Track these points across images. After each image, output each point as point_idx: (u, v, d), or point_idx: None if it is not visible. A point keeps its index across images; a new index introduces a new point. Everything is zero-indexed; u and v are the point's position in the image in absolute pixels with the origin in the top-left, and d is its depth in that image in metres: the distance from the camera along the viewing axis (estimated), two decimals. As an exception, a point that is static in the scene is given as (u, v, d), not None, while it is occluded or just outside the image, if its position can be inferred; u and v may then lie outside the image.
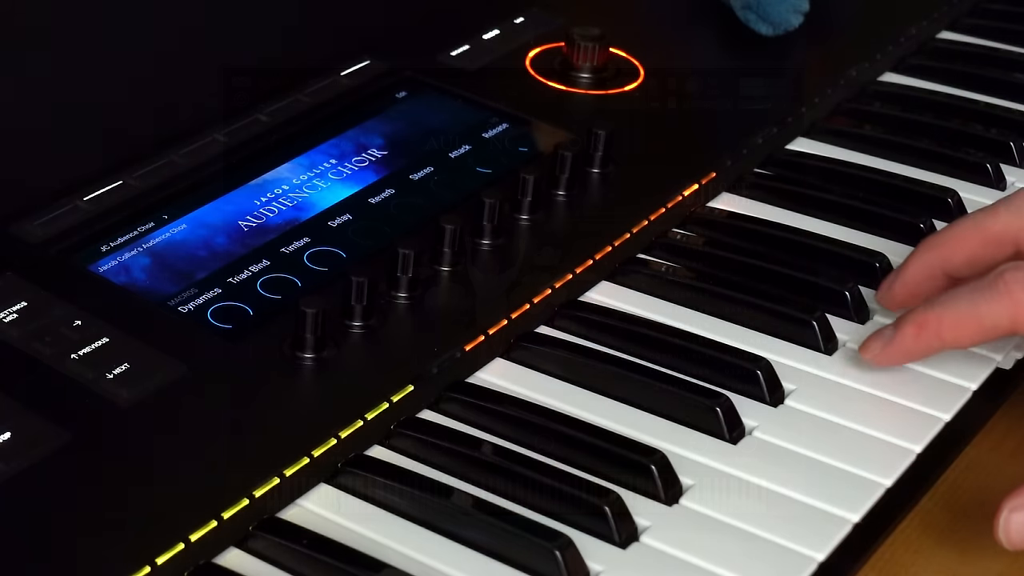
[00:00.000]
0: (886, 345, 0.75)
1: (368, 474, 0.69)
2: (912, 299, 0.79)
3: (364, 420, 0.72)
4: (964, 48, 1.07)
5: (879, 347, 0.76)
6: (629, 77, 0.97)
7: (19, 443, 0.67)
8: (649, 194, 0.87)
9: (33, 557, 0.63)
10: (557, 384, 0.76)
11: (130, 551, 0.64)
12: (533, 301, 0.80)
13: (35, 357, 0.72)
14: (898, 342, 0.75)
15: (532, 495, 0.69)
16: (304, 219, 0.83)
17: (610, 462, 0.70)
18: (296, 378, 0.73)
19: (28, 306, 0.75)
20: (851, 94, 1.01)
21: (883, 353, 0.76)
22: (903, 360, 0.76)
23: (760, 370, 0.75)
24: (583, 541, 0.66)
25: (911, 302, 0.78)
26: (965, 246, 0.78)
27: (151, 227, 0.82)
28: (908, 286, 0.79)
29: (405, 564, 0.65)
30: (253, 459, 0.69)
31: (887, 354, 0.76)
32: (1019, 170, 0.95)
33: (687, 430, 0.73)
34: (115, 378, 0.71)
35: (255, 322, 0.76)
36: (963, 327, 0.74)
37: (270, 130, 0.89)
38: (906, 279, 0.79)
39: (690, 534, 0.68)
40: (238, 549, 0.66)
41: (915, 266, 0.79)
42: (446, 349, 0.76)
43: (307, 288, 0.78)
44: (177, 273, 0.78)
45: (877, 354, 0.76)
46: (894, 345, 0.75)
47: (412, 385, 0.74)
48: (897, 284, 0.79)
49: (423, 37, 0.99)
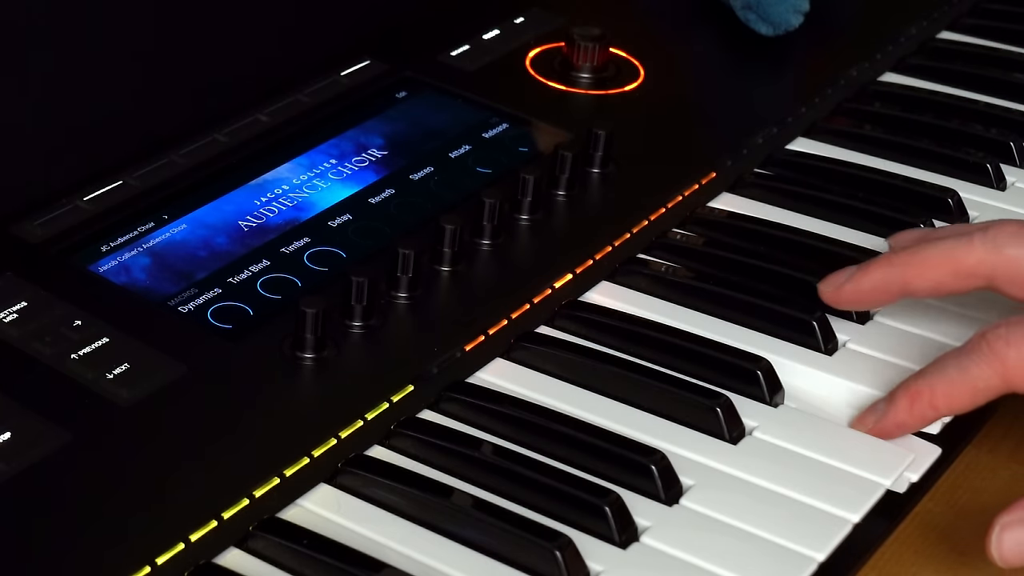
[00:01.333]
0: (880, 419, 0.74)
1: (368, 474, 0.69)
2: (857, 305, 0.79)
3: (364, 420, 0.72)
4: (964, 48, 1.07)
5: (872, 421, 0.74)
6: (629, 77, 0.97)
7: (19, 443, 0.67)
8: (649, 194, 0.87)
9: (33, 557, 0.63)
10: (557, 384, 0.76)
11: (130, 551, 0.64)
12: (533, 301, 0.80)
13: (35, 357, 0.72)
14: (892, 415, 0.74)
15: (532, 495, 0.69)
16: (304, 219, 0.83)
17: (610, 462, 0.70)
18: (296, 378, 0.73)
19: (28, 306, 0.75)
20: (851, 94, 1.01)
21: (878, 427, 0.74)
22: (899, 433, 0.74)
23: (760, 370, 0.75)
24: (583, 541, 0.66)
25: (853, 307, 0.79)
26: (933, 274, 0.76)
27: (151, 227, 0.82)
28: (860, 293, 0.78)
29: (405, 564, 0.65)
30: (253, 459, 0.69)
31: (882, 428, 0.74)
32: (1019, 170, 0.95)
33: (687, 430, 0.73)
34: (115, 378, 0.71)
35: (255, 322, 0.76)
36: (957, 394, 0.73)
37: (270, 130, 0.89)
38: (860, 286, 0.78)
39: (690, 534, 0.68)
40: (238, 549, 0.66)
41: (874, 277, 0.77)
42: (446, 349, 0.76)
43: (307, 288, 0.78)
44: (177, 273, 0.78)
45: (871, 428, 0.74)
46: (888, 418, 0.74)
47: (412, 385, 0.74)
48: (849, 287, 0.78)
49: (423, 37, 0.99)
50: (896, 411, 0.74)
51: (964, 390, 0.72)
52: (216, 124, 0.88)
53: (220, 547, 0.66)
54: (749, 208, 0.90)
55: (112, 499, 0.66)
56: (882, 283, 0.77)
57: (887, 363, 0.78)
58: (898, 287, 0.77)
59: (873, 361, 0.78)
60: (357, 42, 0.97)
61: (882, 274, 0.77)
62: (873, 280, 0.77)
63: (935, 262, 0.76)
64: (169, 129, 0.87)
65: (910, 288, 0.77)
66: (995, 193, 0.92)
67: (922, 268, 0.76)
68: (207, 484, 0.67)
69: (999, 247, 0.75)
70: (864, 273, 0.78)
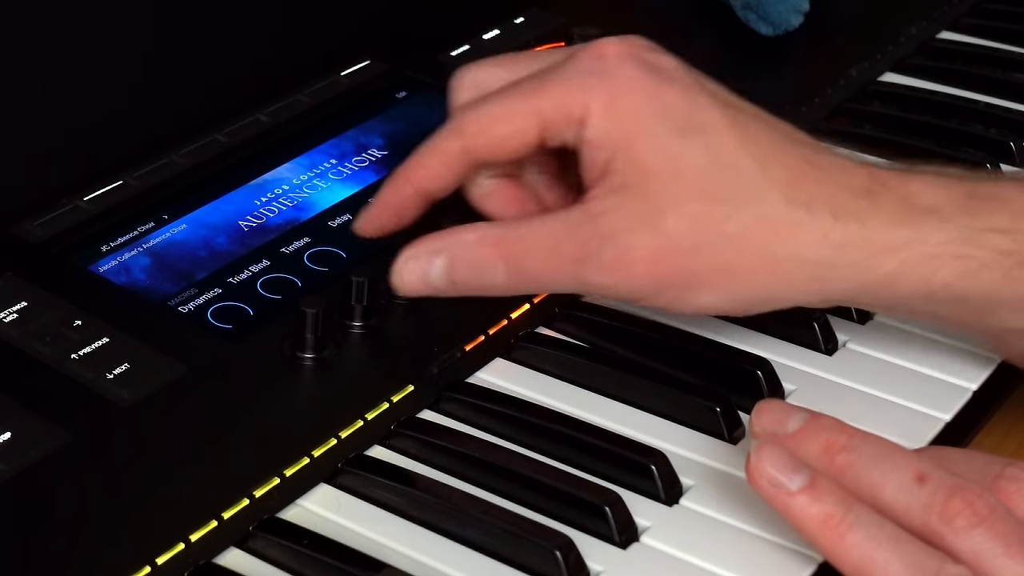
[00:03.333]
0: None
1: (368, 474, 0.69)
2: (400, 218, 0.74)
3: (364, 420, 0.72)
4: (964, 48, 1.07)
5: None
6: (629, 77, 0.97)
7: (19, 443, 0.67)
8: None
9: (33, 557, 0.63)
10: (557, 384, 0.76)
11: (130, 551, 0.64)
12: (533, 301, 0.79)
13: (35, 357, 0.72)
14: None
15: (532, 495, 0.69)
16: (304, 219, 0.83)
17: (610, 462, 0.70)
18: (296, 378, 0.73)
19: (28, 306, 0.75)
20: (851, 94, 1.01)
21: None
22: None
23: (761, 371, 0.75)
24: (583, 541, 0.66)
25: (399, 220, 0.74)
26: (500, 128, 0.71)
27: (151, 227, 0.82)
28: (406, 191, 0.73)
29: (405, 564, 0.65)
30: (253, 459, 0.69)
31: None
32: (1019, 170, 0.95)
33: (687, 430, 0.73)
34: (115, 378, 0.71)
35: (255, 322, 0.76)
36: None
37: (270, 130, 0.89)
38: (410, 179, 0.73)
39: (690, 534, 0.68)
40: (238, 549, 0.66)
41: (431, 154, 0.72)
42: (446, 349, 0.76)
43: (307, 288, 0.78)
44: (177, 273, 0.78)
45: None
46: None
47: (412, 385, 0.74)
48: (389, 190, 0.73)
49: (423, 37, 0.99)
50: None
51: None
52: (216, 124, 0.88)
53: (220, 547, 0.66)
54: (749, 208, 0.90)
55: (112, 499, 0.66)
56: (440, 158, 0.71)
57: (887, 363, 0.78)
58: (459, 158, 0.71)
59: (873, 361, 0.78)
60: (357, 42, 0.97)
61: (439, 148, 0.71)
62: (428, 160, 0.72)
63: (499, 112, 0.70)
64: (169, 129, 0.87)
65: (475, 154, 0.71)
66: (995, 193, 0.92)
67: (483, 123, 0.70)
68: (207, 484, 0.67)
69: (592, 74, 0.70)
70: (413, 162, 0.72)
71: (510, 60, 0.74)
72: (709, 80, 0.72)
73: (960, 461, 0.65)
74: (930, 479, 0.63)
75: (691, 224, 0.68)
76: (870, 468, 0.63)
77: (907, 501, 0.63)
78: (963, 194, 0.70)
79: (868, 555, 0.61)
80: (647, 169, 0.68)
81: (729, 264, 0.69)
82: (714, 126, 0.69)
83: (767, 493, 0.64)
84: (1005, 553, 0.61)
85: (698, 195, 0.68)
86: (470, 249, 0.71)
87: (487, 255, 0.70)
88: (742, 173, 0.69)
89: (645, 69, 0.70)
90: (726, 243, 0.69)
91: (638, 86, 0.69)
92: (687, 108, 0.69)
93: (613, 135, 0.69)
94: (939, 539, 0.62)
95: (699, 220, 0.68)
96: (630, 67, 0.70)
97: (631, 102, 0.69)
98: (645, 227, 0.68)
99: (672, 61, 0.72)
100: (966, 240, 0.69)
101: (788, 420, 0.66)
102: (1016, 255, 0.70)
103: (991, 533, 0.61)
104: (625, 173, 0.68)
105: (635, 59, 0.70)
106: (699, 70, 0.73)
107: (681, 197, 0.68)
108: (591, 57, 0.71)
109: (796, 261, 0.69)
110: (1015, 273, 0.70)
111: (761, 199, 0.69)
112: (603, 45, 0.71)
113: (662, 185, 0.68)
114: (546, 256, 0.70)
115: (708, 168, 0.69)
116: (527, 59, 0.74)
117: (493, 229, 0.71)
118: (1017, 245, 0.70)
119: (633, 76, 0.70)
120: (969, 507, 0.62)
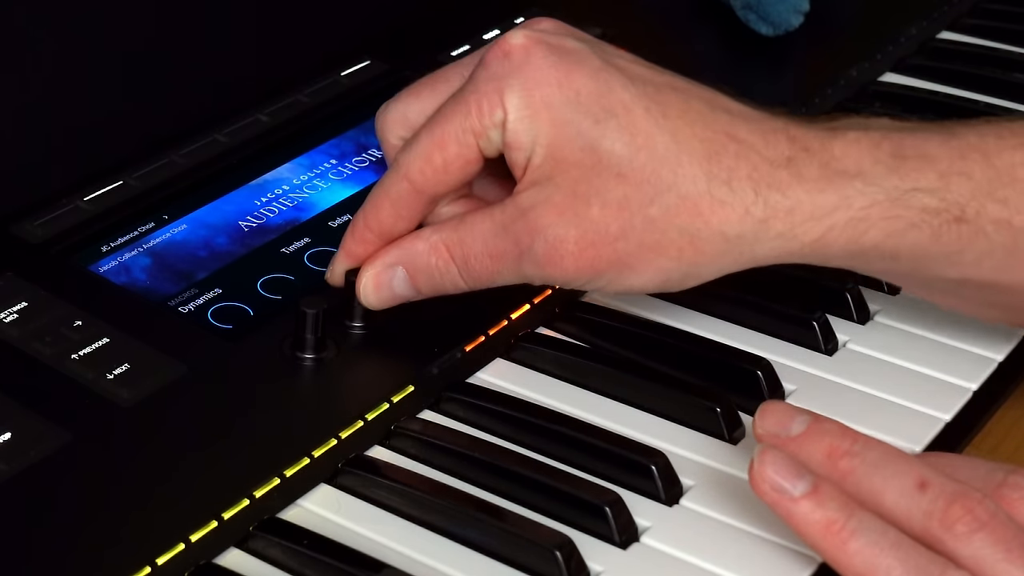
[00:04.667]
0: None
1: (368, 474, 0.69)
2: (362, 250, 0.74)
3: (364, 420, 0.72)
4: (964, 48, 1.07)
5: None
6: (629, 77, 0.97)
7: (19, 443, 0.67)
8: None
9: (33, 557, 0.63)
10: (557, 384, 0.76)
11: (130, 551, 0.64)
12: (533, 301, 0.79)
13: (35, 357, 0.72)
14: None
15: (532, 495, 0.69)
16: (304, 219, 0.83)
17: (610, 462, 0.70)
18: (296, 378, 0.73)
19: (28, 306, 0.75)
20: (851, 94, 1.01)
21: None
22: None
23: (761, 371, 0.75)
24: (583, 541, 0.66)
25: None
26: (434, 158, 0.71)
27: (151, 227, 0.82)
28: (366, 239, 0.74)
29: (405, 564, 0.65)
30: (253, 459, 0.69)
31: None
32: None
33: (687, 430, 0.73)
34: (115, 378, 0.71)
35: (255, 322, 0.76)
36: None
37: (270, 130, 0.89)
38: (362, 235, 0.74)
39: (690, 534, 0.68)
40: (238, 549, 0.66)
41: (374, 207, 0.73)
42: (446, 349, 0.76)
43: (307, 288, 0.78)
44: (177, 273, 0.78)
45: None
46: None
47: (412, 385, 0.74)
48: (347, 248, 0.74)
49: (423, 37, 0.99)
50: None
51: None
52: (216, 124, 0.88)
53: (220, 547, 0.66)
54: (749, 208, 0.90)
55: (112, 499, 0.66)
56: (394, 204, 0.72)
57: (887, 363, 0.78)
58: (412, 199, 0.72)
59: (873, 361, 0.78)
60: (357, 42, 0.97)
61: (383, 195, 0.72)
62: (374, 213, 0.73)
63: (433, 143, 0.71)
64: (169, 129, 0.87)
65: (426, 190, 0.72)
66: (995, 193, 0.92)
67: (423, 159, 0.71)
68: (207, 484, 0.67)
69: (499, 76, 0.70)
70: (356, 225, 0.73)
71: (427, 86, 0.75)
72: (620, 54, 0.72)
73: (963, 467, 0.65)
74: (931, 485, 0.63)
75: (615, 211, 0.69)
76: (872, 474, 0.64)
77: (908, 507, 0.63)
78: (888, 154, 0.70)
79: (871, 561, 0.61)
80: (567, 161, 0.69)
81: (656, 245, 0.69)
82: (625, 107, 0.69)
83: (770, 498, 0.64)
84: (1006, 558, 0.61)
85: (619, 181, 0.69)
86: (423, 258, 0.72)
87: (440, 262, 0.72)
88: (659, 153, 0.69)
89: (552, 57, 0.70)
90: (651, 226, 0.69)
91: (547, 78, 0.69)
92: (598, 91, 0.69)
93: (530, 132, 0.69)
94: (940, 545, 0.62)
95: (622, 206, 0.69)
96: (538, 59, 0.70)
97: (542, 96, 0.69)
98: (571, 218, 0.69)
99: (577, 43, 0.71)
100: (893, 201, 0.70)
101: (791, 423, 0.66)
102: (944, 213, 0.70)
103: (992, 538, 0.61)
104: (546, 167, 0.69)
105: (541, 49, 0.70)
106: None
107: (602, 185, 0.69)
108: (498, 58, 0.71)
109: (720, 238, 0.69)
110: (944, 231, 0.70)
111: (681, 179, 0.69)
112: (507, 40, 0.71)
113: (582, 174, 0.69)
114: (489, 257, 0.71)
115: (625, 152, 0.69)
116: (442, 79, 0.74)
117: (440, 234, 0.72)
118: (944, 204, 0.70)
119: (541, 68, 0.70)
120: (969, 513, 0.62)
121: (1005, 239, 0.71)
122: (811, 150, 0.70)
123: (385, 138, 0.75)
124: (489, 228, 0.71)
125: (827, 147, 0.70)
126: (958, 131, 0.72)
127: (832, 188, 0.69)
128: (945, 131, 0.72)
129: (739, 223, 0.69)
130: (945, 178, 0.70)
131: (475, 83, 0.70)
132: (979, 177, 0.70)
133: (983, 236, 0.70)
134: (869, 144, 0.71)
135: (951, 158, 0.70)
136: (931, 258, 0.71)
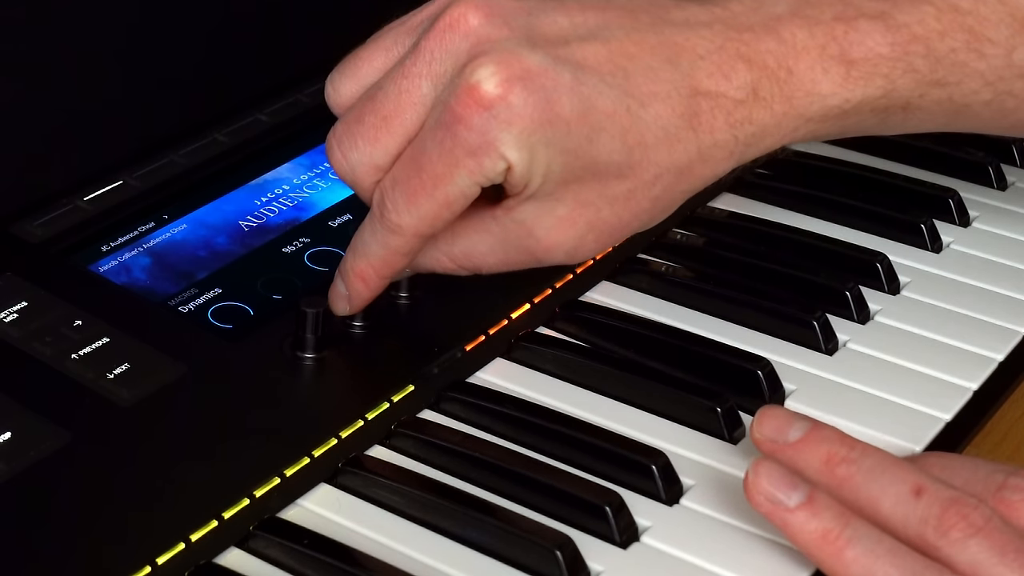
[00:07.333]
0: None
1: (368, 474, 0.69)
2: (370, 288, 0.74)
3: (364, 420, 0.72)
4: None
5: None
6: (629, 77, 0.97)
7: (19, 443, 0.67)
8: (649, 194, 0.87)
9: (33, 557, 0.63)
10: (557, 384, 0.76)
11: (130, 551, 0.64)
12: (533, 301, 0.80)
13: (35, 357, 0.72)
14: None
15: (532, 495, 0.69)
16: (304, 219, 0.83)
17: (610, 462, 0.70)
18: (296, 378, 0.73)
19: (28, 306, 0.75)
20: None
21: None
22: None
23: (761, 371, 0.75)
24: (583, 541, 0.66)
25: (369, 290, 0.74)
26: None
27: (151, 227, 0.82)
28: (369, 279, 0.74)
29: (405, 564, 0.65)
30: (253, 459, 0.69)
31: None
32: (1019, 170, 0.95)
33: (687, 430, 0.73)
34: (115, 378, 0.71)
35: (255, 322, 0.76)
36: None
37: (270, 130, 0.89)
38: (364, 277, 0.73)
39: (690, 534, 0.68)
40: (238, 549, 0.66)
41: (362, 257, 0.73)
42: (446, 349, 0.76)
43: (307, 288, 0.78)
44: (177, 273, 0.78)
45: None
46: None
47: (412, 385, 0.74)
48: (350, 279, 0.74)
49: (423, 37, 0.99)
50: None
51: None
52: (216, 124, 0.88)
53: (220, 547, 0.66)
54: (750, 208, 0.90)
55: (112, 499, 0.66)
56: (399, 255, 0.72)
57: (887, 363, 0.78)
58: (416, 243, 0.71)
59: (873, 361, 0.78)
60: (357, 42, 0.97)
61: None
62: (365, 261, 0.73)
63: (436, 206, 0.70)
64: (169, 129, 0.87)
65: (429, 233, 0.71)
66: (995, 193, 0.92)
67: (428, 221, 0.70)
68: (207, 484, 0.67)
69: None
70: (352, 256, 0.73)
71: (381, 47, 0.75)
72: (555, 21, 0.71)
73: (964, 468, 0.65)
74: (927, 491, 0.63)
75: (623, 204, 0.72)
76: (869, 481, 0.64)
77: (904, 513, 0.63)
78: (837, 59, 0.73)
79: (867, 569, 0.62)
80: (567, 181, 0.70)
81: (665, 211, 0.74)
82: (609, 115, 0.69)
83: (765, 509, 0.64)
84: (1001, 562, 0.61)
85: (620, 180, 0.71)
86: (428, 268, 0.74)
87: (444, 270, 0.73)
88: (650, 142, 0.71)
89: (531, 98, 0.68)
90: (657, 202, 0.72)
91: (535, 121, 0.68)
92: (582, 111, 0.69)
93: (536, 169, 0.69)
94: (936, 551, 0.62)
95: (628, 198, 0.72)
96: (518, 106, 0.67)
97: (539, 139, 0.68)
98: (583, 226, 0.72)
99: (532, 53, 0.69)
100: (846, 112, 0.74)
101: (789, 429, 0.66)
102: (891, 107, 0.75)
103: (987, 543, 0.61)
104: (547, 187, 0.70)
105: (516, 90, 0.67)
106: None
107: (605, 189, 0.71)
108: (472, 105, 0.67)
109: (714, 178, 0.74)
110: (890, 115, 0.75)
111: (675, 154, 0.71)
112: (460, 17, 0.70)
113: (583, 187, 0.71)
114: (504, 265, 0.73)
115: (621, 156, 0.70)
116: (393, 37, 0.74)
117: (440, 250, 0.73)
118: (891, 101, 0.74)
119: (525, 114, 0.67)
120: (964, 519, 0.62)
121: (947, 109, 0.76)
122: (767, 68, 0.72)
123: (337, 93, 0.75)
124: (493, 247, 0.72)
125: (782, 63, 0.72)
126: (898, 18, 0.74)
127: (794, 110, 0.73)
128: (885, 18, 0.74)
129: (726, 162, 0.73)
130: (891, 79, 0.74)
131: (457, 140, 0.68)
132: (923, 69, 0.74)
133: (926, 112, 0.76)
134: (818, 51, 0.73)
135: (895, 58, 0.73)
136: (876, 131, 0.77)
